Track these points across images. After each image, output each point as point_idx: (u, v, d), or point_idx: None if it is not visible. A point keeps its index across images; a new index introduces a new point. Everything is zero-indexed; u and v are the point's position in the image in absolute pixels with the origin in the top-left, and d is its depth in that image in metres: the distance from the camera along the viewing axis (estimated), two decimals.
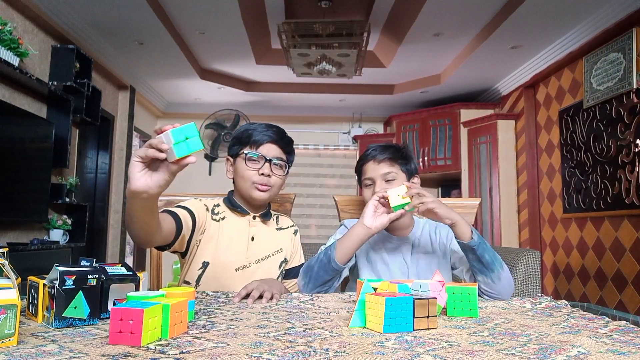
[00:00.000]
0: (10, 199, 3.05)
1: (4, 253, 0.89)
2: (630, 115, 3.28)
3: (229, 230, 1.40)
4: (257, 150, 1.39)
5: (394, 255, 1.45)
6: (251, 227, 1.43)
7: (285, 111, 6.48)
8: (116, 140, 4.95)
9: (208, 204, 1.43)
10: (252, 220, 1.43)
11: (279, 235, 1.47)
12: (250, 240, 1.41)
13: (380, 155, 1.44)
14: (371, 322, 0.84)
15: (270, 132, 1.41)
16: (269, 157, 1.39)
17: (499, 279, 1.21)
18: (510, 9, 3.51)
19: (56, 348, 0.69)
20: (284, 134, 1.45)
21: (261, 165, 1.38)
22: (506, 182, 4.82)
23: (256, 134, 1.40)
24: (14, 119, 3.09)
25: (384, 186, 1.41)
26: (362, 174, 1.49)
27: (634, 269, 3.25)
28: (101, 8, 3.58)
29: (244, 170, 1.39)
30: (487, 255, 1.22)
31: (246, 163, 1.38)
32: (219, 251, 1.37)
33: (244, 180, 1.39)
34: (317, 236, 6.29)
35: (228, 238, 1.39)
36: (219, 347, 0.70)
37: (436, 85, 5.23)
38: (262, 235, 1.43)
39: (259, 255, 1.40)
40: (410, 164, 1.47)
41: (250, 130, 1.41)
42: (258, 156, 1.38)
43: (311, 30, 3.63)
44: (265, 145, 1.39)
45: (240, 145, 1.41)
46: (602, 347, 0.71)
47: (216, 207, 1.44)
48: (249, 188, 1.38)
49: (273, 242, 1.44)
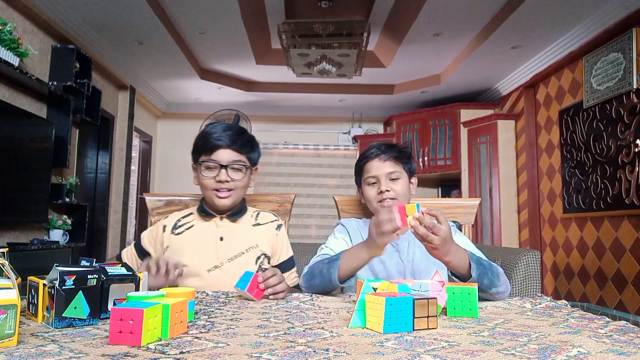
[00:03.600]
0: (10, 199, 3.05)
1: (4, 253, 0.89)
2: (630, 115, 3.28)
3: (196, 236, 1.42)
4: (211, 156, 1.37)
5: (391, 254, 1.45)
6: (219, 227, 1.43)
7: (285, 111, 6.48)
8: (116, 140, 4.94)
9: (169, 222, 1.46)
10: (219, 221, 1.44)
11: (254, 231, 1.46)
12: (218, 241, 1.41)
13: (385, 154, 1.45)
14: (371, 322, 0.84)
15: (224, 135, 1.38)
16: (224, 163, 1.37)
17: (497, 292, 1.20)
18: (510, 9, 3.51)
19: (56, 348, 0.68)
20: (239, 136, 1.41)
21: (217, 172, 1.37)
22: (506, 182, 4.82)
23: (210, 140, 1.37)
24: (14, 119, 3.09)
25: (389, 185, 1.41)
26: (364, 172, 1.49)
27: (634, 269, 3.25)
28: (101, 8, 3.58)
29: (202, 179, 1.39)
30: (485, 280, 1.16)
31: (202, 172, 1.38)
32: (188, 259, 1.38)
33: (205, 189, 1.40)
34: (317, 236, 6.29)
35: (195, 244, 1.40)
36: (219, 347, 0.70)
37: (436, 85, 5.23)
38: (232, 234, 1.43)
39: (230, 254, 1.40)
40: (412, 163, 1.49)
41: (206, 135, 1.39)
42: (213, 163, 1.37)
43: (311, 30, 3.63)
44: (219, 151, 1.37)
45: (197, 153, 1.41)
46: (602, 347, 0.71)
47: (183, 219, 1.47)
48: (211, 195, 1.39)
49: (247, 239, 1.43)
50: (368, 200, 1.47)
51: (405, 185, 1.45)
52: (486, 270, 1.18)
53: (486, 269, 1.18)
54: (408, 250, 1.46)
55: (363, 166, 1.49)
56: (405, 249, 1.46)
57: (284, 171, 6.51)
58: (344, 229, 1.51)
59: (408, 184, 1.47)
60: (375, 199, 1.44)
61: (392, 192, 1.42)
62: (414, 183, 1.50)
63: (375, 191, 1.44)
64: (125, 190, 5.01)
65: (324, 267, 1.27)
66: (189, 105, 6.33)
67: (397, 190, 1.43)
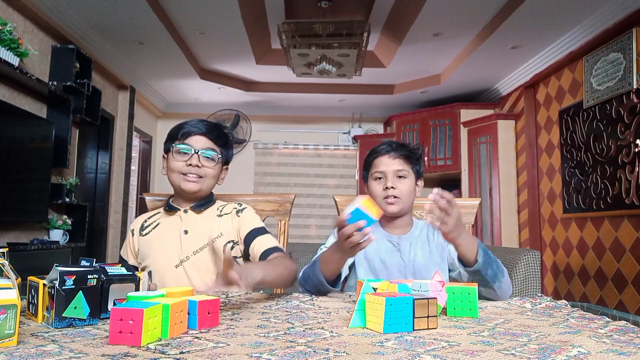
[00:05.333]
0: (10, 199, 3.05)
1: (4, 253, 0.89)
2: (630, 115, 3.28)
3: (161, 234, 1.42)
4: (185, 141, 1.38)
5: (392, 254, 1.45)
6: (183, 221, 1.42)
7: (285, 111, 6.48)
8: (116, 140, 4.94)
9: (136, 225, 1.47)
10: (183, 214, 1.42)
11: (218, 221, 1.43)
12: (183, 234, 1.39)
13: (395, 151, 1.45)
14: (371, 322, 0.84)
15: (201, 124, 1.40)
16: (197, 149, 1.38)
17: (500, 288, 1.21)
18: (510, 9, 3.51)
19: (56, 348, 0.69)
20: (215, 128, 1.43)
21: (189, 156, 1.38)
22: (506, 182, 4.82)
23: (185, 127, 1.40)
24: (14, 119, 3.09)
25: (395, 183, 1.42)
26: (372, 166, 1.49)
27: (634, 269, 3.25)
28: (101, 8, 3.58)
29: (172, 162, 1.39)
30: (489, 271, 1.18)
31: (174, 155, 1.39)
32: (156, 259, 1.38)
33: (173, 173, 1.39)
34: (317, 236, 6.29)
35: (161, 241, 1.40)
36: (219, 347, 0.70)
37: (436, 85, 5.23)
38: (196, 226, 1.41)
39: (196, 247, 1.38)
40: (421, 165, 1.49)
41: (182, 125, 1.41)
42: (185, 147, 1.38)
43: (311, 30, 3.63)
44: (193, 137, 1.38)
45: (170, 141, 1.42)
46: (602, 347, 0.71)
47: (149, 219, 1.47)
48: (179, 180, 1.39)
49: (211, 229, 1.41)
50: (373, 196, 1.47)
51: (411, 185, 1.45)
52: (492, 262, 1.20)
53: (492, 261, 1.20)
54: (410, 250, 1.46)
55: (372, 161, 1.49)
56: (407, 249, 1.46)
57: (284, 171, 6.51)
58: None
59: (414, 185, 1.47)
60: (380, 195, 1.44)
61: (397, 190, 1.42)
62: (419, 185, 1.50)
63: (381, 187, 1.44)
64: (125, 190, 5.01)
65: (310, 270, 1.28)
66: (189, 105, 6.33)
67: (402, 189, 1.43)
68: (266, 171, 6.49)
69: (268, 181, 6.49)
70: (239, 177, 6.29)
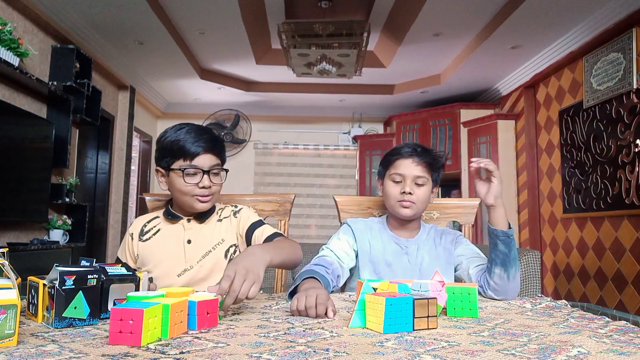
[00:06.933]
0: (10, 199, 3.05)
1: (4, 253, 0.89)
2: (630, 115, 3.28)
3: (164, 241, 1.40)
4: (192, 162, 1.32)
5: (399, 256, 1.44)
6: (186, 230, 1.40)
7: (285, 111, 6.48)
8: (116, 141, 4.94)
9: (135, 228, 1.43)
10: (186, 223, 1.41)
11: (219, 226, 1.43)
12: (186, 244, 1.38)
13: (419, 157, 1.43)
14: (371, 322, 0.84)
15: (202, 140, 1.33)
16: (206, 169, 1.34)
17: (513, 278, 1.25)
18: (510, 9, 3.51)
19: (56, 348, 0.69)
20: (216, 139, 1.38)
21: (200, 178, 1.33)
22: (506, 182, 4.81)
23: (188, 145, 1.32)
24: (14, 119, 3.09)
25: (413, 188, 1.41)
26: (391, 167, 1.46)
27: (634, 269, 3.25)
28: (101, 8, 3.58)
29: (183, 186, 1.33)
30: (513, 251, 1.27)
31: (184, 179, 1.33)
32: (158, 265, 1.37)
33: (184, 195, 1.35)
34: (317, 236, 6.30)
35: (163, 249, 1.39)
36: (219, 347, 0.70)
37: (436, 85, 5.23)
38: (200, 235, 1.40)
39: (199, 255, 1.38)
40: (440, 174, 1.48)
41: (181, 140, 1.32)
42: (194, 169, 1.32)
43: (311, 30, 3.63)
44: (200, 156, 1.33)
45: (172, 158, 1.34)
46: (602, 347, 0.71)
47: (148, 224, 1.44)
48: (191, 201, 1.35)
49: (213, 236, 1.40)
50: (387, 196, 1.45)
51: (427, 192, 1.44)
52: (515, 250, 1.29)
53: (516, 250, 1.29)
54: (417, 253, 1.45)
55: (393, 161, 1.46)
56: (414, 252, 1.45)
57: (284, 171, 6.51)
58: (350, 230, 1.48)
59: (430, 192, 1.46)
60: (395, 198, 1.42)
61: (414, 197, 1.41)
62: (434, 193, 1.49)
63: (398, 190, 1.42)
64: (125, 190, 5.01)
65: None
66: (189, 105, 6.33)
67: (419, 195, 1.41)
68: (266, 171, 6.49)
69: (268, 181, 6.49)
70: (239, 177, 6.29)
